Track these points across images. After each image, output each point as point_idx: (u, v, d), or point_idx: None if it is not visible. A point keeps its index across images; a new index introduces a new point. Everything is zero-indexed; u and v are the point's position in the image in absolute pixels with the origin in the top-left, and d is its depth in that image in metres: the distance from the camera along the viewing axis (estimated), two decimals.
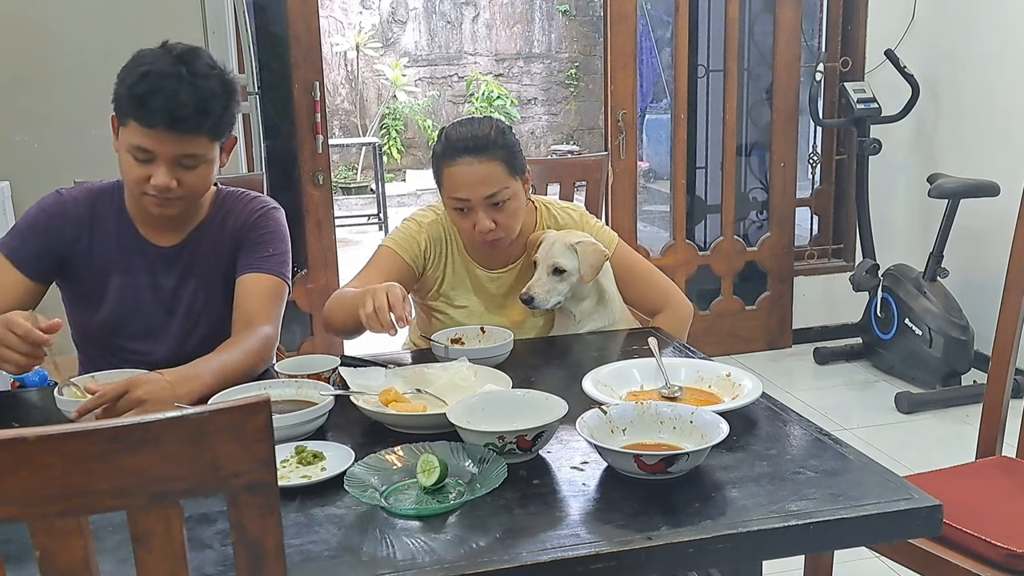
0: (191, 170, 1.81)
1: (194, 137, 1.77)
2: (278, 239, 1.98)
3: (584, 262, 2.03)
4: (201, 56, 1.80)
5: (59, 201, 1.93)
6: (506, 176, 2.02)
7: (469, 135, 2.02)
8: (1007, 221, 2.13)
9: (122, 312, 1.93)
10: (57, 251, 1.90)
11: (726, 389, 1.66)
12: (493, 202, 2.02)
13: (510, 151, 2.04)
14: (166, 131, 1.74)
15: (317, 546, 1.20)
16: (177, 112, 1.73)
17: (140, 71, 1.75)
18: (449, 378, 1.68)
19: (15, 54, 2.98)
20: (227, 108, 1.82)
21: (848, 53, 4.36)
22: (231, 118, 1.85)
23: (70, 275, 1.94)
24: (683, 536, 1.20)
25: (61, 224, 1.91)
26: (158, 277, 1.94)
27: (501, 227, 2.04)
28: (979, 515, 1.78)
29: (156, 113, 1.73)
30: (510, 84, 10.54)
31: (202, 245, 1.96)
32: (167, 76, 1.74)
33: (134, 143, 1.77)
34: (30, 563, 0.87)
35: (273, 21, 3.97)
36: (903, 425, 3.64)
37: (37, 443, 0.81)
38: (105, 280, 1.93)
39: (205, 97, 1.76)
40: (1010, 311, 1.99)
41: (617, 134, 4.18)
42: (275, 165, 3.93)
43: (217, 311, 1.97)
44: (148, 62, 1.77)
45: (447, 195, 2.06)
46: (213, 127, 1.79)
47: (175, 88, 1.73)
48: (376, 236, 8.18)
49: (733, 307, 4.48)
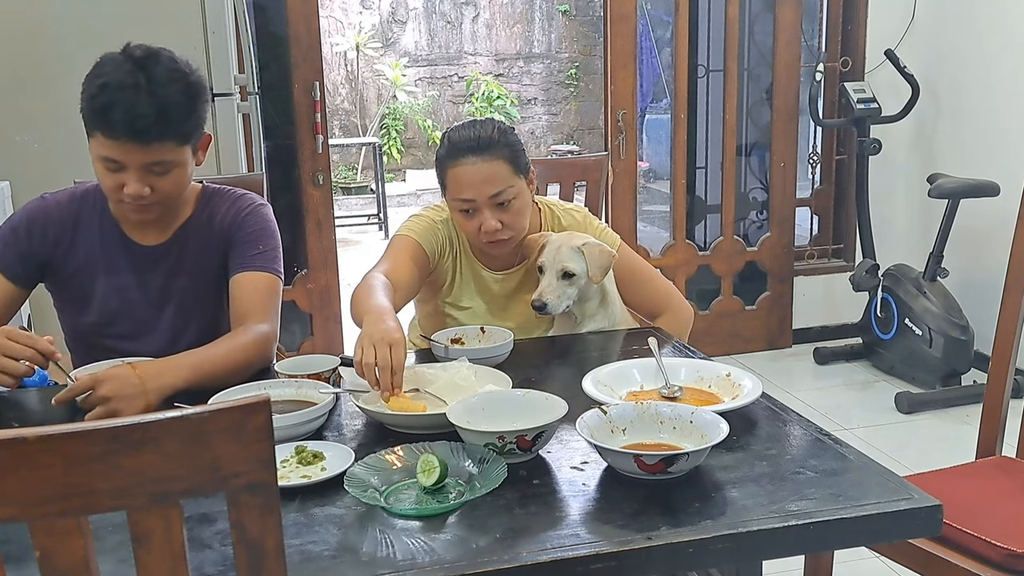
0: (163, 176, 1.80)
1: (160, 145, 1.76)
2: (267, 235, 1.98)
3: (592, 264, 2.02)
4: (161, 60, 1.77)
5: (42, 206, 1.94)
6: (511, 175, 2.02)
7: (472, 135, 2.02)
8: (1007, 221, 2.13)
9: (110, 312, 1.94)
10: (40, 255, 1.91)
11: (726, 389, 1.66)
12: (498, 201, 2.01)
13: (513, 150, 2.04)
14: (130, 142, 1.74)
15: (317, 546, 1.20)
16: (137, 123, 1.72)
17: (98, 83, 1.74)
18: (449, 378, 1.68)
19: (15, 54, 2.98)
20: (191, 112, 1.79)
21: (848, 53, 4.36)
22: (198, 120, 1.82)
23: (55, 278, 1.95)
24: (683, 536, 1.20)
25: (44, 228, 1.91)
26: (144, 276, 1.95)
27: (508, 227, 2.03)
28: (979, 515, 1.78)
29: (117, 125, 1.72)
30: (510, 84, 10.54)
31: (189, 243, 1.96)
32: (124, 87, 1.72)
33: (102, 154, 1.77)
34: (30, 563, 0.87)
35: (273, 21, 3.97)
36: (903, 425, 3.64)
37: (37, 443, 0.81)
38: (91, 282, 1.94)
39: (164, 105, 1.74)
40: (1010, 311, 1.99)
41: (617, 134, 4.18)
42: (275, 165, 3.93)
43: (209, 309, 1.97)
44: (106, 72, 1.75)
45: (452, 197, 2.05)
46: (177, 133, 1.78)
47: (133, 99, 1.71)
48: (376, 236, 8.19)
49: (733, 307, 4.48)
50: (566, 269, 2.02)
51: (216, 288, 1.98)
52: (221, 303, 1.98)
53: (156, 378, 1.64)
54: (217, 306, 1.98)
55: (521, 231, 2.08)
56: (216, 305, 1.98)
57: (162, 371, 1.67)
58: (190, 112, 1.79)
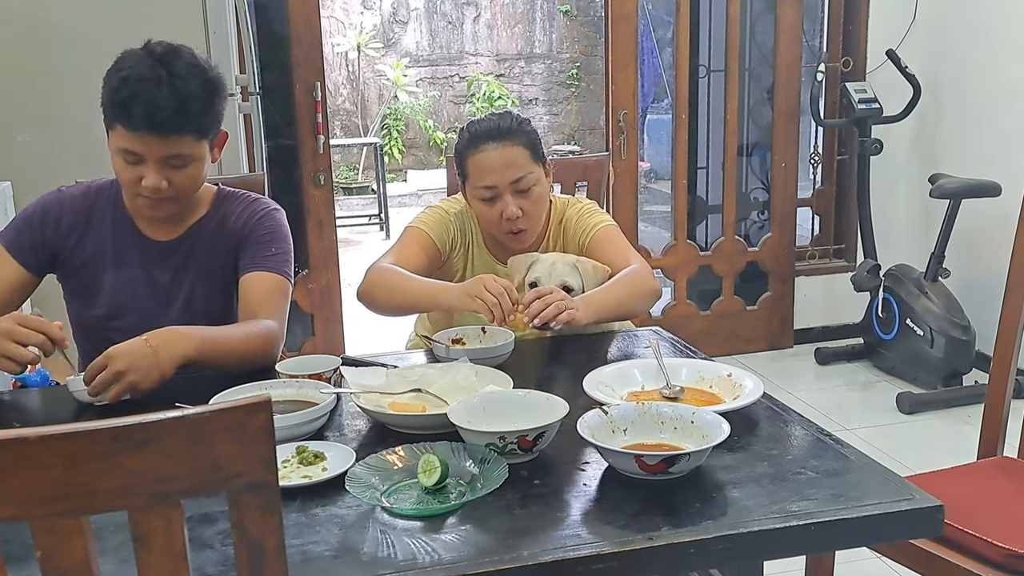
0: (180, 169, 1.84)
1: (179, 138, 1.80)
2: (280, 238, 2.00)
3: (587, 280, 2.05)
4: (182, 56, 1.82)
5: (58, 198, 1.98)
6: (530, 161, 2.08)
7: (492, 124, 2.09)
8: (1008, 221, 2.13)
9: (117, 305, 1.96)
10: (51, 244, 1.95)
11: (727, 389, 1.66)
12: (519, 188, 2.06)
13: (532, 138, 2.11)
14: (149, 134, 1.77)
15: (318, 546, 1.20)
16: (157, 115, 1.75)
17: (120, 76, 1.78)
18: (450, 378, 1.68)
19: (16, 54, 2.98)
20: (210, 107, 1.83)
21: (849, 53, 4.36)
22: (216, 116, 1.86)
23: (65, 268, 1.98)
24: (684, 536, 1.20)
25: (58, 218, 1.95)
26: (153, 270, 1.97)
27: (528, 214, 2.08)
28: (980, 515, 1.78)
29: (137, 118, 1.76)
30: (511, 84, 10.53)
31: (200, 241, 1.98)
32: (146, 80, 1.76)
33: (121, 146, 1.81)
34: (31, 563, 0.87)
35: (274, 21, 3.97)
36: (904, 425, 3.64)
37: (38, 443, 0.81)
38: (100, 274, 1.96)
39: (185, 98, 1.77)
40: (1011, 311, 1.99)
41: (618, 134, 4.18)
42: (276, 165, 3.93)
43: (217, 308, 1.98)
44: (128, 66, 1.79)
45: (473, 185, 2.10)
46: (196, 127, 1.81)
47: (154, 92, 1.75)
48: (377, 237, 8.18)
49: (734, 307, 4.48)
50: (566, 284, 2.02)
51: (225, 289, 1.99)
52: (229, 305, 1.99)
53: (168, 347, 1.67)
54: (224, 307, 1.99)
55: (539, 221, 2.13)
56: (224, 306, 1.99)
57: (174, 339, 1.69)
58: (209, 106, 1.83)
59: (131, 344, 1.66)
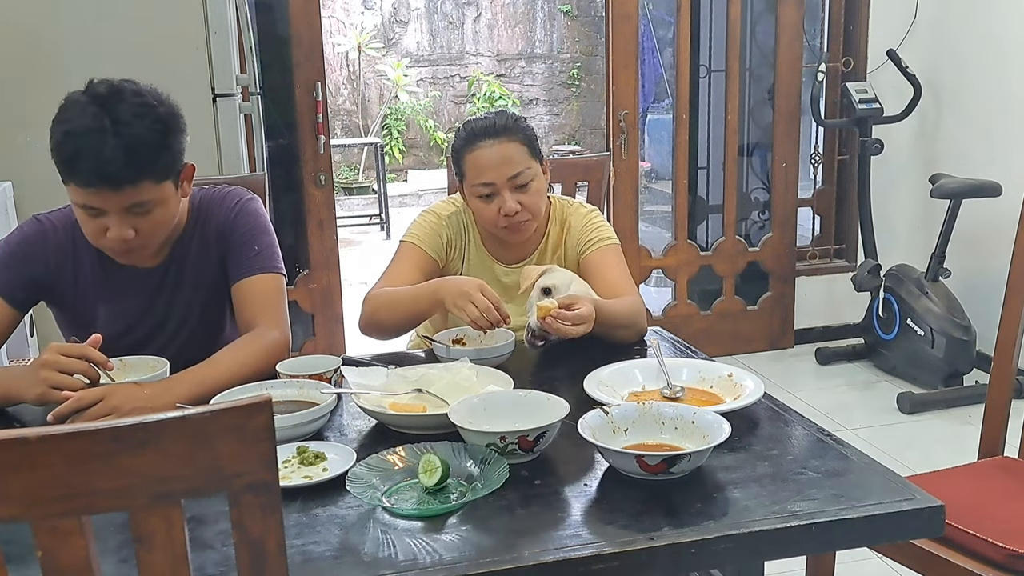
0: (145, 215, 1.73)
1: (135, 187, 1.68)
2: (260, 231, 1.94)
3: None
4: (125, 98, 1.68)
5: (40, 230, 1.88)
6: (527, 157, 2.08)
7: (488, 122, 2.10)
8: (1009, 221, 2.12)
9: (114, 334, 1.89)
10: (40, 280, 1.88)
11: (728, 389, 1.66)
12: (517, 184, 2.06)
13: (528, 135, 2.11)
14: (103, 189, 1.67)
15: (319, 546, 1.20)
16: (107, 168, 1.64)
17: (63, 130, 1.67)
18: (451, 378, 1.68)
19: (17, 54, 2.98)
20: (164, 147, 1.71)
21: (850, 53, 4.35)
22: (173, 154, 1.74)
23: (56, 301, 1.92)
24: (685, 536, 1.20)
25: (44, 252, 1.87)
26: (146, 299, 1.92)
27: (527, 208, 2.08)
28: (981, 515, 1.78)
29: (87, 173, 1.65)
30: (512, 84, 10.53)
31: (187, 259, 1.93)
32: (89, 132, 1.64)
33: (79, 202, 1.71)
34: (32, 563, 0.87)
35: (275, 21, 3.97)
36: (905, 425, 3.64)
37: (39, 443, 0.81)
38: (93, 308, 1.91)
39: (133, 146, 1.65)
40: (1012, 311, 1.99)
41: (619, 134, 4.18)
42: (277, 165, 3.93)
43: (214, 317, 1.97)
44: (69, 118, 1.67)
45: (471, 182, 2.10)
46: (152, 172, 1.70)
47: (99, 145, 1.63)
48: (378, 237, 8.18)
49: (735, 307, 4.48)
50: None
51: (219, 297, 1.95)
52: (225, 310, 1.97)
53: (163, 395, 1.62)
54: (220, 313, 1.97)
55: (538, 213, 2.13)
56: (219, 313, 1.97)
57: (170, 386, 1.66)
58: (162, 148, 1.71)
59: (127, 386, 1.63)
